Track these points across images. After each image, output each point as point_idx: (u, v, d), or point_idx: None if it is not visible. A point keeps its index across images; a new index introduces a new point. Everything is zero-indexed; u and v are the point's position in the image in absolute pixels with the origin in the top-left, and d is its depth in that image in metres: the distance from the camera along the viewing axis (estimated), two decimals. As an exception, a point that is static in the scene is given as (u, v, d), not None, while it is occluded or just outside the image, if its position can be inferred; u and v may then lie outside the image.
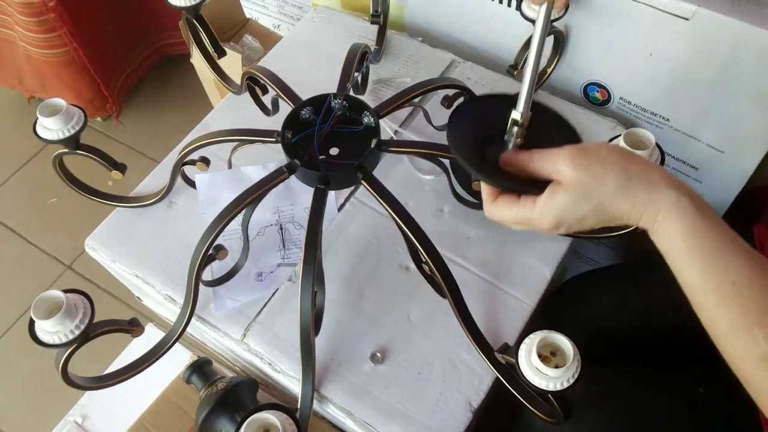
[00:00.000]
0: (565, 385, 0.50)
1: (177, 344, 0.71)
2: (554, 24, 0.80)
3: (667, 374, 0.70)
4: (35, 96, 1.66)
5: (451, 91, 0.78)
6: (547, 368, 0.51)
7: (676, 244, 0.48)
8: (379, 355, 0.72)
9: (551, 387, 0.51)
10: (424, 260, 0.64)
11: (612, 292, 0.81)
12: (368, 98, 0.92)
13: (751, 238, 0.70)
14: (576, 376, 0.51)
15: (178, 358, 0.86)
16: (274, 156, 0.86)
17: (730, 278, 0.45)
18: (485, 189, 0.56)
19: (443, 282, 0.63)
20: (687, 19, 0.75)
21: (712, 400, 0.65)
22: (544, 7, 0.63)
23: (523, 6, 0.79)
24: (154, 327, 0.94)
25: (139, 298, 0.99)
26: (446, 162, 0.77)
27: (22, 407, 1.29)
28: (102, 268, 0.87)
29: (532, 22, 0.79)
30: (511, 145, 0.58)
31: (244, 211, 0.67)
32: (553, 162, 0.51)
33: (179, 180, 0.82)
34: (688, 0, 0.74)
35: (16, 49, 1.50)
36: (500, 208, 0.55)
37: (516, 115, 0.57)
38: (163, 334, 0.72)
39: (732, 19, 0.72)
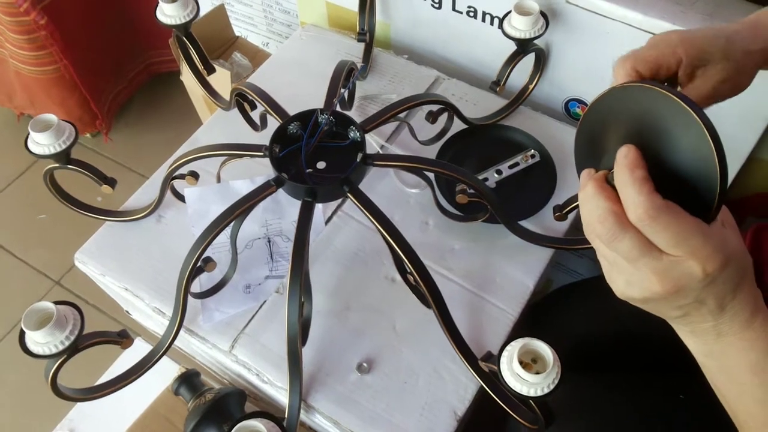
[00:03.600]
0: (546, 390, 0.52)
1: (164, 357, 0.72)
2: (535, 42, 0.82)
3: (648, 382, 0.71)
4: (25, 113, 1.67)
5: (435, 107, 0.79)
6: (528, 374, 0.52)
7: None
8: (365, 365, 0.73)
9: (532, 393, 0.52)
10: (408, 271, 0.66)
11: (594, 303, 0.82)
12: (355, 114, 0.94)
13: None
14: (556, 381, 0.52)
15: (166, 371, 0.87)
16: (262, 171, 0.87)
17: None
18: (639, 174, 0.42)
19: (428, 292, 0.65)
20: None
21: (692, 405, 0.67)
22: None
23: (505, 25, 0.82)
24: (142, 341, 0.95)
25: (128, 311, 1.00)
26: (431, 175, 0.79)
27: (10, 422, 1.28)
28: (90, 284, 0.88)
29: (513, 40, 0.82)
30: None
31: (232, 224, 0.68)
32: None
33: (168, 194, 0.83)
34: (663, 18, 0.77)
35: (6, 66, 1.51)
36: (668, 212, 0.41)
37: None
38: (152, 348, 0.72)
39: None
